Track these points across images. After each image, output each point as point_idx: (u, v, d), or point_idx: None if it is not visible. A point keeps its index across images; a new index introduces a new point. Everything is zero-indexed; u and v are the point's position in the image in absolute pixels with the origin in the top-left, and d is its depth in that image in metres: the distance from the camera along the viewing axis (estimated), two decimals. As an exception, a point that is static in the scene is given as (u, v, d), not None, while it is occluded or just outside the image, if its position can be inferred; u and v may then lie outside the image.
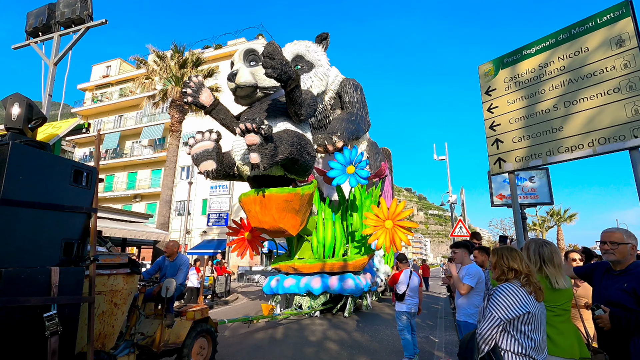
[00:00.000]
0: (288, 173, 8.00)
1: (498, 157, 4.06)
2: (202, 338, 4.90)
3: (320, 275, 9.34)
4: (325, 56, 10.01)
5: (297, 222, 8.24)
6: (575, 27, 3.68)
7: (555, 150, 3.62)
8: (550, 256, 2.46)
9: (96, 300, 3.08)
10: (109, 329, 3.37)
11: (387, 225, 8.11)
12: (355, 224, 10.06)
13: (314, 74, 9.45)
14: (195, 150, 6.95)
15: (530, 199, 7.79)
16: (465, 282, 3.84)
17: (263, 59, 6.20)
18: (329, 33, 10.32)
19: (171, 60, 18.20)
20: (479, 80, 4.37)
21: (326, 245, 9.74)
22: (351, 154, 8.28)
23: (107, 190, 29.78)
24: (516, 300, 2.01)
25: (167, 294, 4.35)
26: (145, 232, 14.20)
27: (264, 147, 6.16)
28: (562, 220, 31.79)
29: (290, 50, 9.75)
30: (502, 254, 2.23)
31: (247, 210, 8.13)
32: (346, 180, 8.25)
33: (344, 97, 10.34)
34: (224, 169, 7.33)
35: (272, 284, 9.71)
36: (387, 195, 15.85)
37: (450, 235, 13.71)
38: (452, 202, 17.95)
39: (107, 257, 3.46)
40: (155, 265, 5.47)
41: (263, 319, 7.93)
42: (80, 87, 35.13)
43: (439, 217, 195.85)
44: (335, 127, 9.21)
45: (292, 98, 7.15)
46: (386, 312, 10.38)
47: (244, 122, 5.97)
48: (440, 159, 18.64)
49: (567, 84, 3.64)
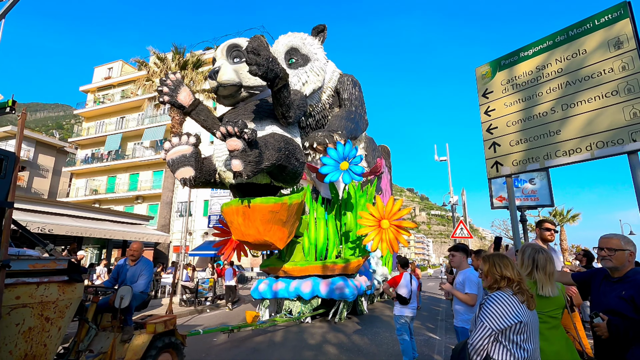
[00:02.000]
0: (275, 181, 7.43)
1: (495, 161, 4.02)
2: (166, 354, 4.31)
3: (311, 278, 8.82)
4: (322, 50, 9.45)
5: (285, 235, 7.64)
6: (573, 29, 3.64)
7: (553, 154, 3.57)
8: (544, 263, 2.43)
9: (19, 315, 2.68)
10: (40, 349, 2.87)
11: (383, 225, 7.60)
12: (349, 224, 9.51)
13: (310, 69, 8.88)
14: (171, 156, 6.25)
15: (531, 201, 7.72)
16: (467, 291, 3.75)
17: (247, 55, 5.60)
18: (326, 25, 9.74)
19: (172, 61, 18.25)
20: (476, 83, 4.33)
21: (318, 247, 9.17)
22: (344, 149, 7.68)
23: (109, 191, 29.86)
24: (508, 310, 1.98)
25: (120, 304, 3.73)
26: (145, 234, 14.22)
27: (247, 153, 5.57)
28: (565, 221, 31.59)
29: (284, 43, 9.15)
30: (494, 261, 2.19)
31: (229, 221, 7.50)
32: (339, 176, 7.64)
33: (342, 93, 9.80)
34: (204, 176, 6.66)
35: (261, 288, 9.11)
36: (386, 194, 15.62)
37: (451, 236, 13.64)
38: (453, 203, 17.87)
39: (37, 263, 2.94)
40: (115, 270, 4.89)
41: (245, 327, 7.15)
42: (82, 88, 35.25)
43: (441, 218, 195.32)
44: (335, 125, 8.76)
45: (279, 98, 6.61)
46: (386, 314, 10.32)
47: (225, 125, 5.42)
48: (442, 160, 18.56)
49: (565, 86, 3.60)
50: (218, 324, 8.81)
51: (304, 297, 8.58)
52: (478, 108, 4.35)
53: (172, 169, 6.28)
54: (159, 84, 6.87)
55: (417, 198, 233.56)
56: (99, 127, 32.78)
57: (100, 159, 31.05)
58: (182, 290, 12.47)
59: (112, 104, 32.03)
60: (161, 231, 16.79)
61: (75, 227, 11.34)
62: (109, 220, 14.27)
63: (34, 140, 35.11)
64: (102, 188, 30.44)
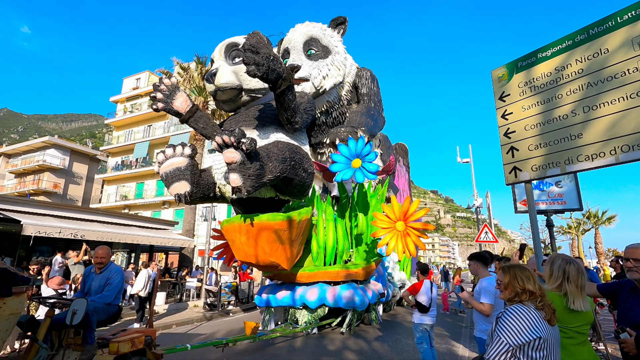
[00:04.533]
0: (280, 194, 6.74)
1: (514, 166, 3.88)
2: None
3: (317, 285, 8.08)
4: (341, 43, 8.95)
5: (292, 255, 6.97)
6: (594, 27, 3.47)
7: (575, 158, 3.41)
8: (575, 275, 2.31)
9: None
10: None
11: (399, 227, 6.86)
12: (360, 226, 8.77)
13: (331, 62, 8.35)
14: (164, 169, 5.57)
15: (557, 204, 7.35)
16: (483, 300, 3.67)
17: (244, 53, 4.91)
18: (346, 17, 9.14)
19: (194, 71, 18.81)
20: (492, 86, 4.21)
21: (328, 251, 8.40)
22: (357, 145, 6.95)
23: (138, 197, 31.05)
24: (527, 325, 1.90)
25: (72, 320, 3.19)
26: (171, 239, 14.68)
27: (246, 166, 4.92)
28: (600, 223, 30.00)
29: (302, 32, 8.53)
30: (516, 274, 2.11)
31: (230, 240, 6.87)
32: (352, 175, 6.88)
33: (361, 88, 9.26)
34: (202, 191, 5.95)
35: (264, 295, 8.44)
36: (404, 194, 15.18)
37: (476, 240, 13.23)
38: (477, 205, 17.39)
39: None
40: (82, 279, 4.39)
41: (243, 340, 6.51)
42: (112, 99, 36.97)
43: (466, 220, 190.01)
44: (356, 122, 8.19)
45: (283, 102, 5.87)
46: (408, 320, 10.15)
47: (220, 134, 4.76)
48: (464, 162, 18.10)
49: (586, 87, 3.43)
50: (224, 333, 8.59)
51: (310, 305, 7.91)
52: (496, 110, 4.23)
53: (166, 184, 5.63)
54: (152, 89, 6.15)
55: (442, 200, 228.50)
56: (128, 136, 34.21)
57: (129, 166, 32.39)
58: (206, 294, 12.76)
59: (139, 113, 33.37)
60: (186, 236, 17.27)
61: (105, 232, 11.87)
62: (136, 225, 14.83)
63: (69, 149, 37.13)
64: (131, 194, 31.69)
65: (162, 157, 5.60)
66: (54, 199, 32.41)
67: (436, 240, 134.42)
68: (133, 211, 29.53)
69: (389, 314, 11.37)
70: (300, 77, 8.01)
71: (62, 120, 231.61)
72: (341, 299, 7.78)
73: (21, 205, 11.29)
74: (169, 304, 12.53)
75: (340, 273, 8.04)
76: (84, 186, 37.20)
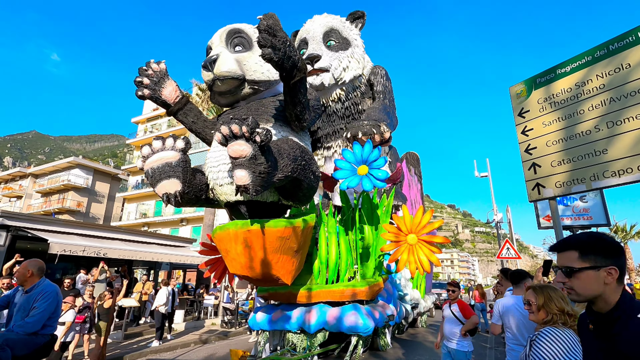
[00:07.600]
0: (284, 199, 5.87)
1: (536, 183, 3.82)
2: None
3: (317, 306, 7.01)
4: (359, 37, 8.71)
5: (294, 267, 6.11)
6: (614, 43, 3.45)
7: (601, 174, 3.33)
8: None
9: None
10: None
11: (410, 241, 6.13)
12: (366, 239, 7.79)
13: (351, 54, 8.10)
14: (150, 164, 4.72)
15: (583, 220, 7.09)
16: (493, 322, 3.70)
17: (260, 35, 4.21)
18: (365, 12, 8.90)
19: (212, 92, 19.44)
20: (511, 102, 4.19)
21: (330, 267, 7.36)
22: (363, 150, 6.20)
23: (156, 215, 31.67)
24: (566, 348, 1.81)
25: None
26: (189, 257, 14.85)
27: (257, 162, 4.10)
28: (629, 237, 28.64)
29: (321, 23, 8.27)
30: (550, 295, 2.04)
31: (223, 250, 5.95)
32: (358, 183, 6.17)
33: (376, 86, 8.89)
34: (194, 192, 5.17)
35: (258, 318, 7.30)
36: (416, 205, 14.79)
37: (497, 257, 12.89)
38: (497, 220, 16.97)
39: None
40: (4, 299, 3.52)
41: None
42: (134, 120, 38.35)
43: (486, 235, 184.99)
44: (376, 117, 7.43)
45: (295, 96, 5.13)
46: (429, 340, 9.83)
47: (228, 123, 3.93)
48: (482, 176, 17.80)
49: (609, 102, 3.39)
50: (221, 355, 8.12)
51: (307, 330, 6.84)
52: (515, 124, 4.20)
53: (151, 181, 4.76)
54: (139, 73, 5.35)
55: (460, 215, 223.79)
56: (148, 155, 35.21)
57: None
58: (224, 311, 12.75)
59: (159, 133, 34.43)
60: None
61: (125, 250, 12.13)
62: (155, 243, 15.10)
63: (92, 169, 38.48)
64: (151, 212, 32.38)
65: (148, 151, 4.72)
66: (77, 217, 33.44)
67: (455, 256, 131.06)
68: (152, 228, 30.10)
69: (408, 333, 11.04)
70: (320, 67, 7.85)
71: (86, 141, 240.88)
72: (343, 322, 6.70)
73: (47, 224, 11.71)
74: (187, 322, 12.56)
75: (346, 292, 6.97)
76: (106, 204, 38.31)
